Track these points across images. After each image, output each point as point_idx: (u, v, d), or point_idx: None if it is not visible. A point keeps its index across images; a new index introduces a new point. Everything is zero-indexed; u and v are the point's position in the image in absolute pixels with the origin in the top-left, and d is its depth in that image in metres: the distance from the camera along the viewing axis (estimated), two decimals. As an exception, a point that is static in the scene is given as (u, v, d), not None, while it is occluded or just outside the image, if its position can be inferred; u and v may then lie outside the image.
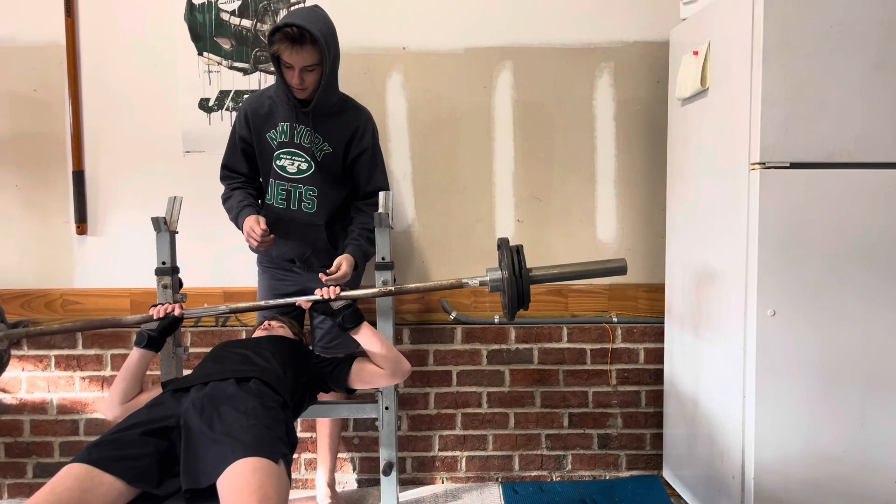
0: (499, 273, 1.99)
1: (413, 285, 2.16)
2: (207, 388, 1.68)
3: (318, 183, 2.23)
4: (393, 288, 2.10)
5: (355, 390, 2.06)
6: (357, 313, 2.00)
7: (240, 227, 2.23)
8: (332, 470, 2.58)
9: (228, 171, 2.33)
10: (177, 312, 2.00)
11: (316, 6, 2.17)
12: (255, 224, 2.15)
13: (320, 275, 2.11)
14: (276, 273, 2.41)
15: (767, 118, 1.94)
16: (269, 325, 2.15)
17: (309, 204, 2.24)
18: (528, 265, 1.99)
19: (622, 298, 2.76)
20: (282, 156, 2.22)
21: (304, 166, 2.22)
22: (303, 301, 2.04)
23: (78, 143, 2.66)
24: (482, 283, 2.01)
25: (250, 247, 2.23)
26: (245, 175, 2.32)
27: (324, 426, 2.52)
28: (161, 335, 1.98)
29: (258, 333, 2.13)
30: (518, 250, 1.97)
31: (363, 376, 2.00)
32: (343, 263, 2.14)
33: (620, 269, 2.02)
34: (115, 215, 2.68)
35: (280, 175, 2.23)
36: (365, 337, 2.00)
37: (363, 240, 2.26)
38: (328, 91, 2.17)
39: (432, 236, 2.74)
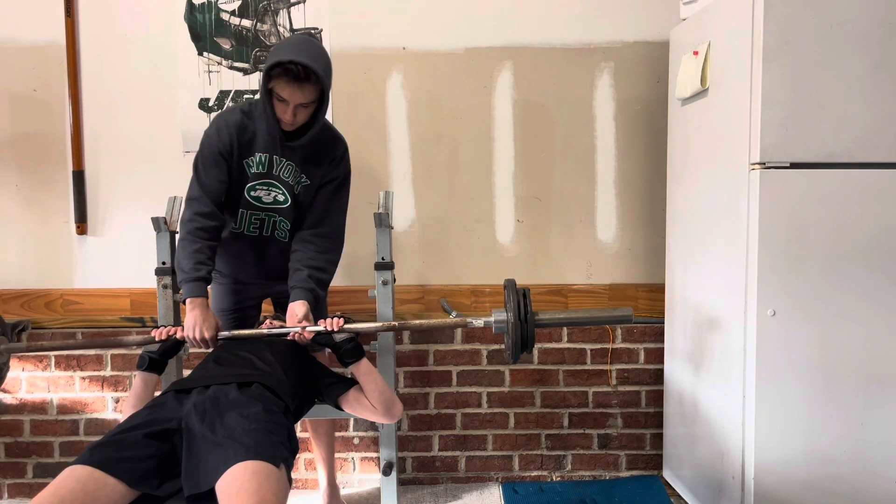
0: (504, 315, 1.97)
1: (416, 322, 2.12)
2: (210, 391, 1.68)
3: (292, 216, 2.16)
4: (396, 324, 2.07)
5: (342, 409, 2.03)
6: (358, 348, 1.97)
7: (181, 284, 2.00)
8: (332, 468, 2.57)
9: (203, 193, 2.06)
10: (178, 335, 1.97)
11: (311, 37, 2.05)
12: (209, 328, 1.96)
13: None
14: (236, 286, 2.30)
15: (767, 118, 1.94)
16: (271, 324, 2.14)
17: (282, 233, 2.17)
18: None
19: (622, 298, 2.76)
20: (257, 187, 2.11)
21: (280, 198, 2.13)
22: (306, 332, 1.97)
23: (78, 143, 2.66)
24: (486, 325, 2.00)
25: (191, 343, 1.98)
26: (215, 202, 2.07)
27: (318, 427, 2.50)
28: (162, 357, 1.96)
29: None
30: (524, 294, 1.95)
31: (355, 407, 1.97)
32: (298, 312, 2.01)
33: (626, 319, 1.99)
34: (115, 215, 2.68)
35: (253, 205, 2.13)
36: (363, 374, 1.97)
37: (314, 283, 2.08)
38: (319, 126, 2.07)
39: (432, 236, 2.74)
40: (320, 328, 1.97)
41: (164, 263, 2.15)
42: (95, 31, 2.64)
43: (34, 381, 2.71)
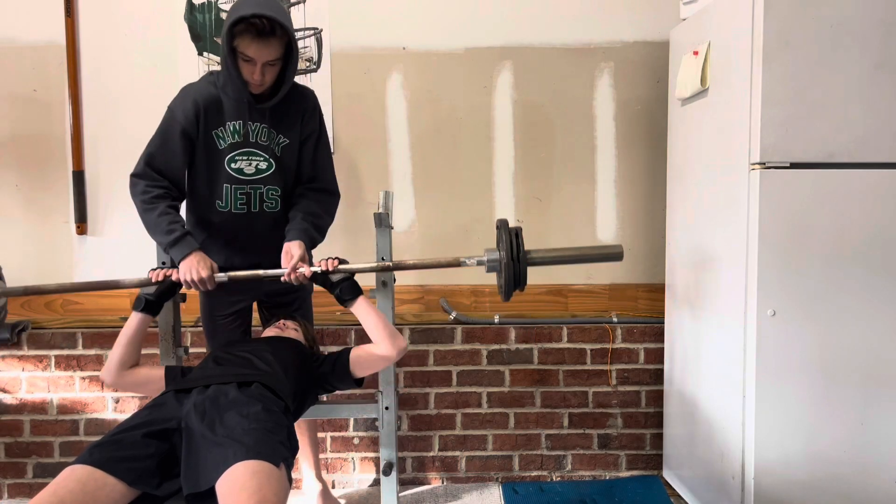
0: (496, 254, 1.98)
1: (411, 261, 2.12)
2: (209, 391, 1.68)
3: (279, 181, 2.10)
4: (391, 263, 2.08)
5: (362, 381, 2.02)
6: (355, 286, 1.98)
7: (168, 251, 1.99)
8: (318, 464, 2.55)
9: (152, 171, 2.01)
10: (174, 277, 1.96)
11: None
12: (205, 267, 1.94)
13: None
14: (233, 284, 2.22)
15: (767, 118, 1.94)
16: (284, 324, 2.13)
17: (272, 204, 2.11)
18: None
19: (622, 298, 2.76)
20: (237, 158, 2.04)
21: (263, 166, 2.07)
22: (303, 273, 1.96)
23: (78, 143, 2.66)
24: (479, 263, 2.00)
25: (187, 285, 1.97)
26: (171, 181, 2.04)
27: (300, 425, 2.42)
28: (158, 299, 1.97)
29: (270, 332, 2.11)
30: (517, 232, 1.96)
31: (362, 361, 1.96)
32: (293, 249, 1.99)
33: (616, 255, 1.99)
34: (115, 215, 2.68)
35: (237, 179, 2.06)
36: (361, 309, 1.97)
37: (308, 224, 2.06)
38: (288, 85, 2.01)
39: (432, 236, 2.74)
40: (317, 269, 1.98)
41: (163, 264, 2.15)
42: (95, 31, 2.64)
43: (34, 381, 2.71)
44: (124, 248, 2.67)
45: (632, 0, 2.66)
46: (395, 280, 2.32)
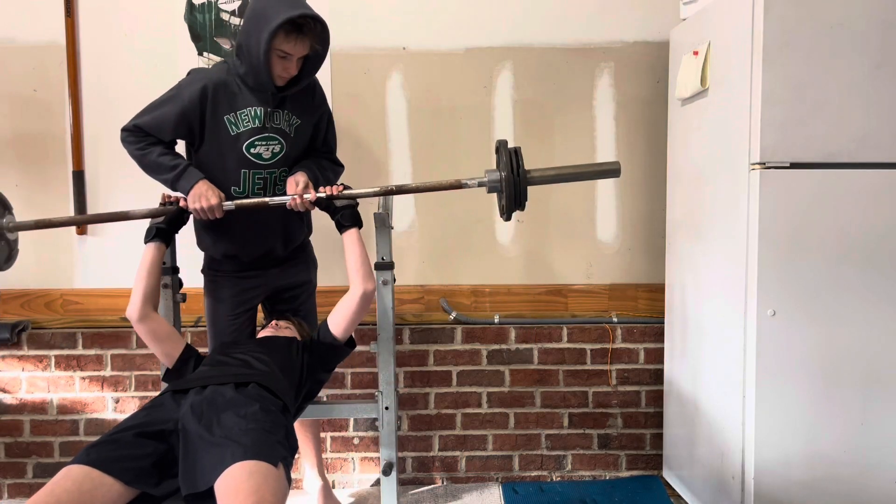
0: (497, 174, 1.98)
1: (413, 184, 2.13)
2: (206, 391, 1.68)
3: (289, 162, 2.15)
4: (394, 187, 2.09)
5: (352, 341, 2.04)
6: (356, 215, 2.02)
7: (174, 186, 2.05)
8: (321, 463, 2.55)
9: (145, 134, 2.06)
10: (181, 204, 2.02)
11: None
12: (214, 195, 2.00)
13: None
14: (239, 281, 2.27)
15: (767, 118, 1.94)
16: (277, 324, 2.14)
17: (283, 185, 2.15)
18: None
19: (622, 298, 2.76)
20: (256, 143, 2.09)
21: (276, 149, 2.12)
22: (309, 198, 2.00)
23: (78, 143, 2.66)
24: (481, 184, 1.99)
25: (196, 217, 2.06)
26: (165, 144, 2.10)
27: (302, 423, 2.45)
28: (169, 227, 2.02)
29: (265, 332, 2.12)
30: (516, 151, 1.95)
31: (337, 316, 1.97)
32: (298, 177, 2.06)
33: (614, 171, 1.98)
34: (115, 215, 2.68)
35: (255, 164, 2.10)
36: (351, 239, 2.00)
37: (315, 166, 2.16)
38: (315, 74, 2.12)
39: (432, 236, 2.74)
40: (322, 194, 2.02)
41: (164, 264, 2.15)
42: (95, 31, 2.64)
43: (34, 381, 2.71)
44: (124, 249, 2.67)
45: (632, 0, 2.66)
46: (395, 280, 2.32)
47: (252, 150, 2.10)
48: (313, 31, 1.96)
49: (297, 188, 2.04)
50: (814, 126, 1.95)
